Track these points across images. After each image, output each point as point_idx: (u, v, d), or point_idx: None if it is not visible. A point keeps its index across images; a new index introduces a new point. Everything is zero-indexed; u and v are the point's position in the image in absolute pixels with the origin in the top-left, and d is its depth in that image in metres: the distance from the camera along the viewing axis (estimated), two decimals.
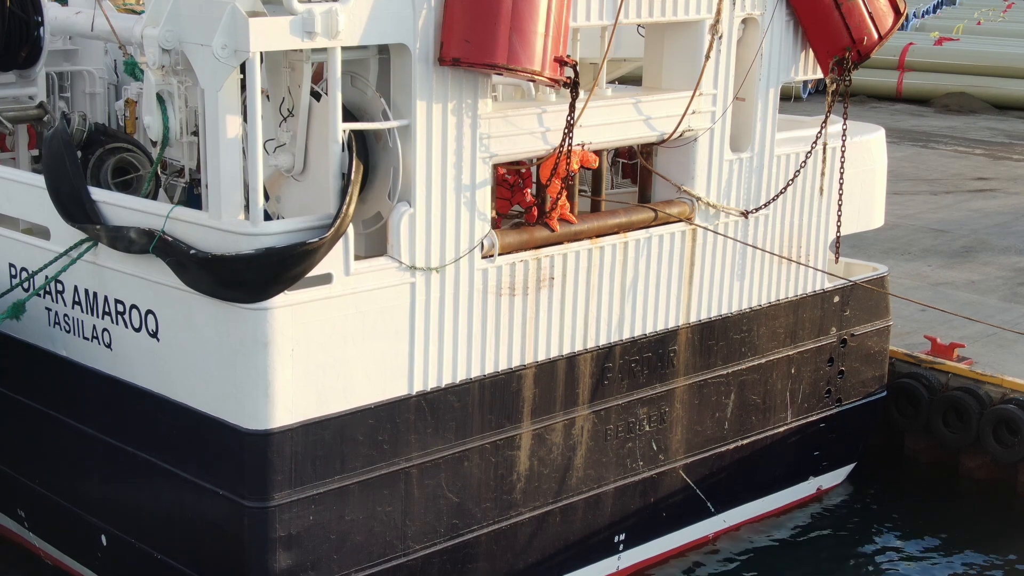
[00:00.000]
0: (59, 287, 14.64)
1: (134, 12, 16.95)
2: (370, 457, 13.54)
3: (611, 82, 17.36)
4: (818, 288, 17.86)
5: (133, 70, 16.66)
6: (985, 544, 18.17)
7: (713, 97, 15.80)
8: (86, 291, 14.35)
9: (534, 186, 14.58)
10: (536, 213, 14.48)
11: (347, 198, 12.63)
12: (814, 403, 18.31)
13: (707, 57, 15.49)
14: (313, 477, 13.16)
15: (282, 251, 12.34)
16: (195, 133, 14.14)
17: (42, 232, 14.75)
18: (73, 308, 14.61)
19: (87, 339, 14.51)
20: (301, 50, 12.57)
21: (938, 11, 67.50)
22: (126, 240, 13.27)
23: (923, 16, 63.02)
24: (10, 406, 15.87)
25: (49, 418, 15.30)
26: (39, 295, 14.78)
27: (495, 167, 14.12)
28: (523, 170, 14.28)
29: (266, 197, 12.99)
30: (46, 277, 14.39)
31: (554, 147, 14.08)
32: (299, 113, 13.10)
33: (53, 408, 15.24)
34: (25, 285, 14.94)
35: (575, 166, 14.24)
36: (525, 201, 14.50)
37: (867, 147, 18.52)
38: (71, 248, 14.00)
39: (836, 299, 18.15)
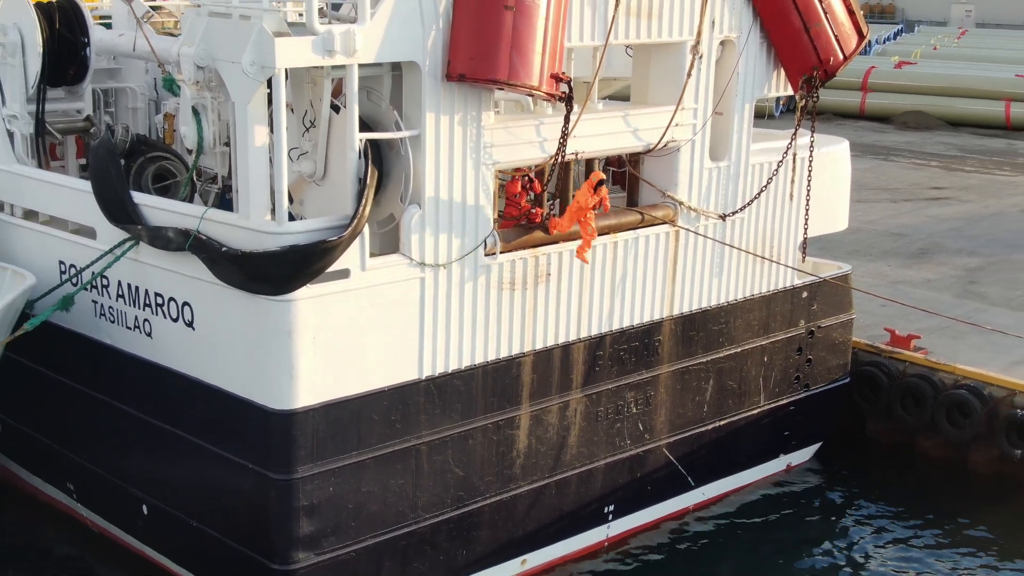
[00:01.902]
0: (104, 282, 14.64)
1: (172, 34, 16.92)
2: (384, 435, 13.52)
3: (603, 98, 17.33)
4: (788, 284, 17.82)
5: (171, 86, 16.62)
6: (939, 515, 18.15)
7: (694, 111, 15.78)
8: (129, 285, 14.34)
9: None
10: (537, 218, 14.45)
11: (363, 201, 12.63)
12: (784, 388, 18.28)
13: (688, 75, 15.47)
14: (333, 452, 13.15)
15: (304, 248, 12.35)
16: (227, 143, 14.12)
17: (89, 232, 14.75)
18: (117, 301, 14.61)
19: (130, 328, 14.50)
20: (322, 67, 12.57)
21: (898, 38, 67.41)
22: (165, 239, 13.28)
23: (884, 42, 62.92)
24: (60, 390, 15.87)
25: (95, 400, 15.29)
26: (86, 289, 14.76)
27: (498, 175, 14.13)
28: (533, 194, 14.24)
29: (290, 200, 12.96)
30: (93, 273, 14.39)
31: (550, 155, 14.08)
32: (320, 124, 13.09)
33: (99, 391, 15.23)
34: (74, 280, 14.94)
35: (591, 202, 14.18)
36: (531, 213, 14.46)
37: (833, 157, 18.49)
38: (115, 246, 14.01)
39: (805, 294, 18.12)
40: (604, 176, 14.45)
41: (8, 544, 16.50)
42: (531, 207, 14.28)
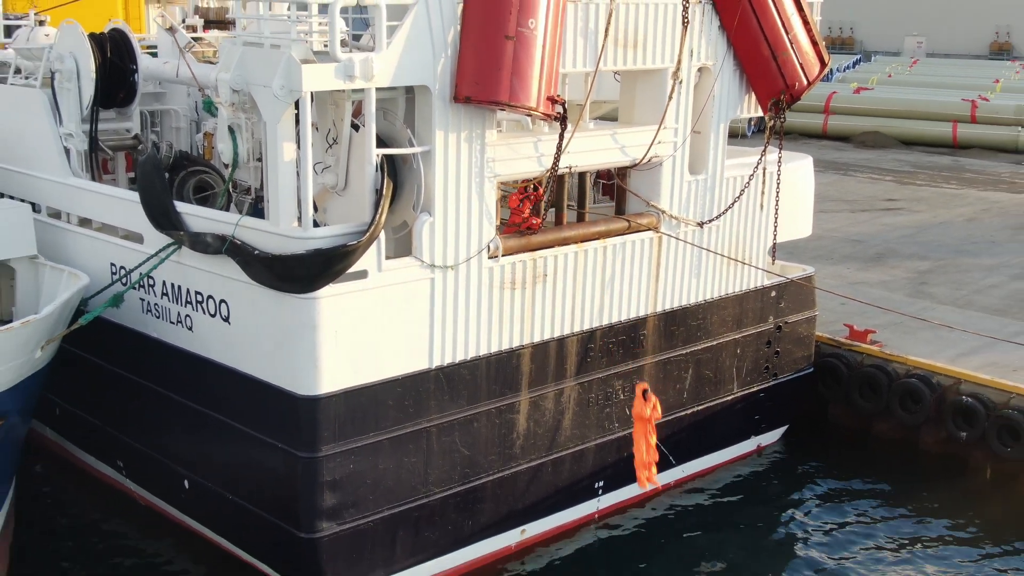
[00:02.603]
0: (150, 281, 14.63)
1: (211, 62, 16.92)
2: (398, 418, 13.50)
3: (593, 119, 17.32)
4: (759, 284, 17.79)
5: (210, 108, 16.63)
6: (893, 490, 18.12)
7: (675, 130, 15.77)
8: (172, 284, 14.33)
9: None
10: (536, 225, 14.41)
11: (380, 209, 12.62)
12: (755, 377, 18.24)
13: (670, 98, 15.46)
14: (352, 434, 13.13)
15: (327, 252, 12.34)
16: (259, 158, 14.11)
17: (137, 238, 14.75)
18: (162, 298, 14.59)
19: (173, 323, 14.49)
20: (344, 90, 12.56)
21: (856, 66, 67.26)
22: (204, 243, 13.28)
23: (845, 70, 62.82)
24: (111, 377, 15.85)
25: (142, 387, 15.28)
26: (134, 288, 14.76)
27: (500, 187, 14.12)
28: (532, 207, 14.23)
29: (315, 208, 12.94)
30: (140, 273, 14.38)
31: (547, 168, 14.06)
32: (342, 141, 13.09)
33: (145, 378, 15.22)
34: (123, 280, 14.93)
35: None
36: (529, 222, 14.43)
37: (798, 172, 18.47)
38: (160, 250, 14.02)
39: (773, 293, 18.09)
40: (647, 385, 14.58)
41: (63, 514, 16.49)
42: (530, 215, 14.24)
